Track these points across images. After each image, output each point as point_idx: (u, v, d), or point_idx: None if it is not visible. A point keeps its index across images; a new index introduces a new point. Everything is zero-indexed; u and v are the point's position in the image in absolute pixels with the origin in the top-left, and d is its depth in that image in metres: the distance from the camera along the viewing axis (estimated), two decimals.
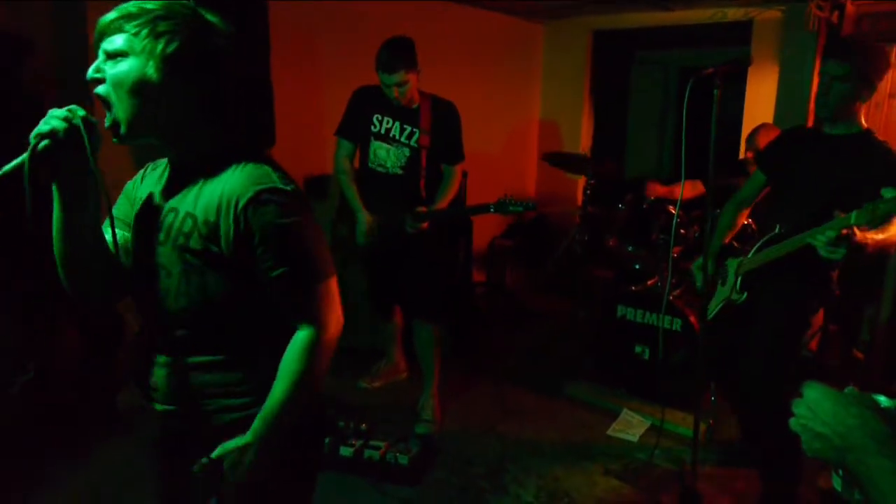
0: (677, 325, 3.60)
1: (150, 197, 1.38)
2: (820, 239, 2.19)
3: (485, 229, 5.44)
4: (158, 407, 1.45)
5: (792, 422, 0.91)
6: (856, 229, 2.12)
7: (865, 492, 0.82)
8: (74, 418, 3.23)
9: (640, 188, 4.19)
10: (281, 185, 1.29)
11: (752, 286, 2.69)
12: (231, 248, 1.28)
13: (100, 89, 1.23)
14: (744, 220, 2.97)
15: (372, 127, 3.31)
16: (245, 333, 1.38)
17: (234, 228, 1.27)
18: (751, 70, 4.89)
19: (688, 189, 4.12)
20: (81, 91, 3.23)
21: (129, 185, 1.49)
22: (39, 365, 3.05)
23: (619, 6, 5.34)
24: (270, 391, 1.34)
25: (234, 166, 1.31)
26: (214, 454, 1.32)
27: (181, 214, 1.32)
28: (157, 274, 1.35)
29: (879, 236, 2.21)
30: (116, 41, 1.21)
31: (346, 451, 3.02)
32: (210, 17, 1.29)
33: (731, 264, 2.78)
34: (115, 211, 1.42)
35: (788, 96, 4.67)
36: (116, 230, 1.38)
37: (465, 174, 3.62)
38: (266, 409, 1.33)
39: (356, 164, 3.47)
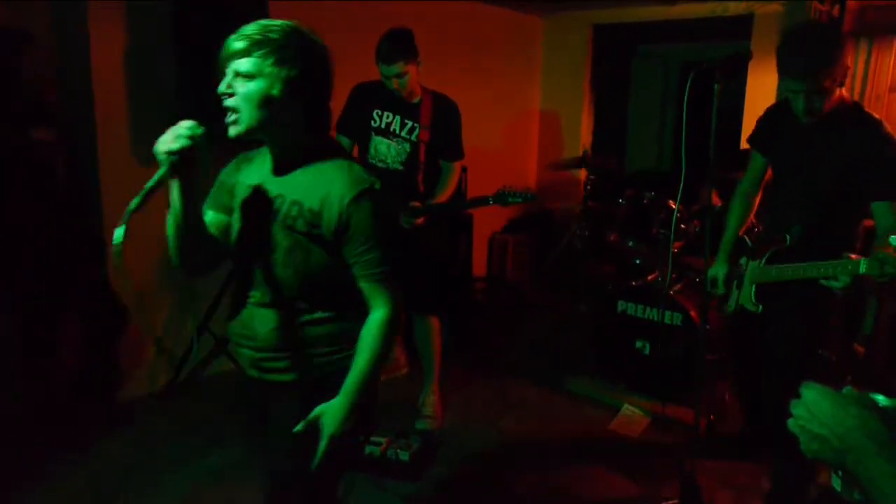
0: (678, 319, 3.60)
1: (255, 185, 1.63)
2: (833, 283, 2.23)
3: (485, 224, 5.44)
4: (254, 354, 1.69)
5: (790, 423, 0.91)
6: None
7: (865, 492, 0.82)
8: (75, 412, 3.24)
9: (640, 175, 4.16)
10: (375, 186, 1.59)
11: (766, 294, 2.67)
12: (331, 232, 1.56)
13: (229, 101, 1.49)
14: (755, 208, 2.91)
15: (372, 122, 3.30)
16: (339, 296, 1.65)
17: (336, 218, 1.54)
18: (751, 64, 4.85)
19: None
20: (83, 87, 3.24)
21: (222, 174, 1.74)
22: (41, 360, 3.06)
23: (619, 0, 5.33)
24: (353, 365, 1.59)
25: (332, 166, 1.59)
26: (313, 414, 1.58)
27: (287, 201, 1.59)
28: (264, 248, 1.61)
29: None
30: (246, 64, 1.46)
31: None
32: (319, 41, 1.55)
33: (749, 267, 2.74)
34: (210, 199, 1.73)
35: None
36: (212, 213, 1.71)
37: (464, 169, 3.61)
38: (351, 379, 1.59)
39: (355, 155, 3.46)
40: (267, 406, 1.73)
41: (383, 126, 3.30)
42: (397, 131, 3.29)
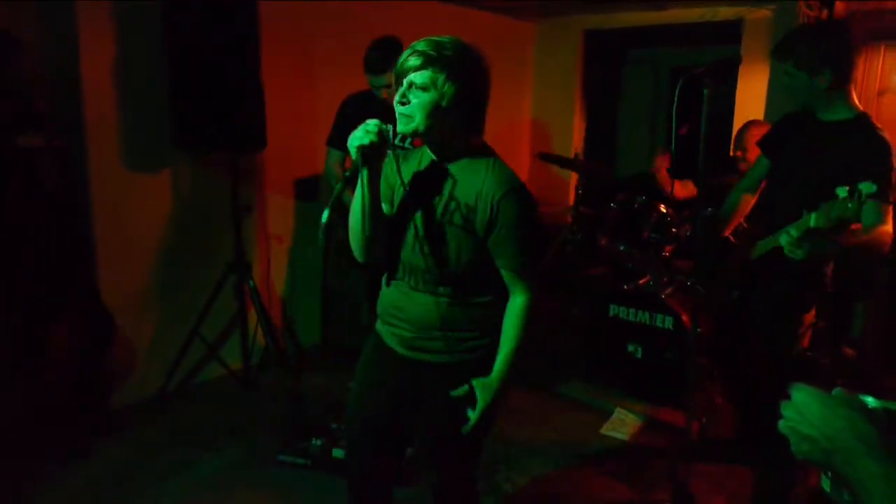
0: (669, 323, 3.61)
1: (416, 183, 1.82)
2: (784, 238, 2.17)
3: None
4: (406, 334, 1.86)
5: (780, 424, 0.91)
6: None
7: (854, 494, 0.82)
8: (67, 419, 3.22)
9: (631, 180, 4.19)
10: (522, 185, 1.76)
11: (746, 283, 2.69)
12: (484, 226, 1.73)
13: (404, 109, 1.67)
14: (749, 208, 2.91)
15: None
16: (486, 285, 1.83)
17: (489, 213, 1.71)
18: (741, 69, 4.90)
19: (679, 189, 4.13)
20: (72, 91, 3.22)
21: (385, 169, 1.87)
22: (31, 367, 3.04)
23: (610, 5, 5.35)
24: (500, 347, 1.79)
25: (485, 164, 1.76)
26: (473, 384, 1.75)
27: (445, 197, 1.77)
28: (424, 238, 1.77)
29: (852, 238, 2.19)
30: (421, 77, 1.64)
31: (339, 452, 3.01)
32: (481, 56, 1.72)
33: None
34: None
35: (779, 95, 4.68)
36: (385, 206, 1.86)
37: None
38: (501, 359, 1.79)
39: (348, 165, 3.46)
40: (417, 384, 1.88)
41: None
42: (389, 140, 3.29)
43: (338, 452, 3.01)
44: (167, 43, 3.32)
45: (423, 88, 1.65)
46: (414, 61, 1.65)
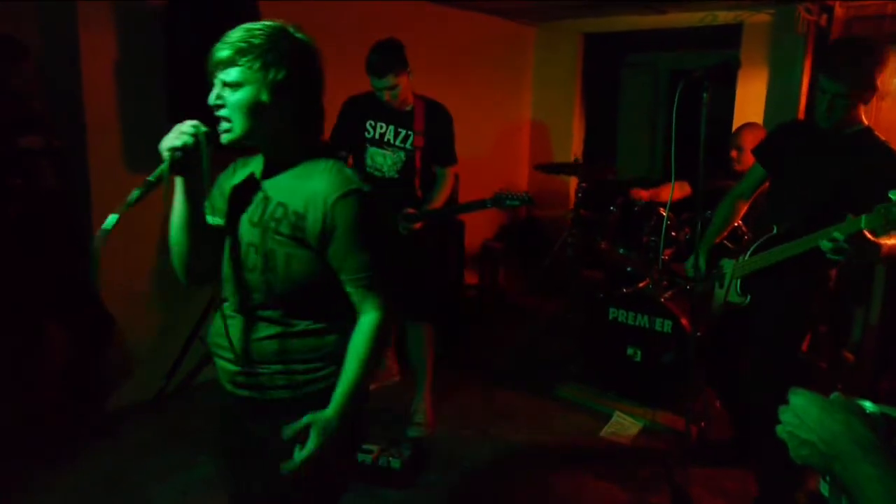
0: (668, 326, 3.61)
1: (244, 188, 1.60)
2: (826, 243, 2.18)
3: (477, 231, 5.45)
4: (230, 367, 1.61)
5: (779, 428, 0.91)
6: (866, 232, 2.11)
7: (852, 498, 0.82)
8: (63, 420, 3.21)
9: (627, 194, 4.20)
10: (362, 187, 1.53)
11: (751, 285, 2.69)
12: (316, 235, 1.49)
13: (221, 112, 1.46)
14: (742, 214, 2.93)
15: (366, 133, 3.31)
16: (324, 307, 1.58)
17: (321, 220, 1.48)
18: (741, 72, 4.91)
19: (675, 191, 4.13)
20: (72, 93, 3.23)
21: (220, 177, 1.70)
22: (31, 366, 3.04)
23: (609, 9, 5.36)
24: (342, 372, 1.52)
25: (321, 167, 1.54)
26: (302, 422, 1.47)
27: (273, 203, 1.53)
28: (248, 253, 1.55)
29: (892, 241, 2.20)
30: (233, 73, 1.43)
31: None
32: (306, 39, 1.51)
33: (727, 265, 2.78)
34: (208, 203, 1.66)
35: (778, 98, 4.69)
36: (209, 217, 1.64)
37: (456, 177, 3.62)
38: (341, 387, 1.51)
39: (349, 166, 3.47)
40: (243, 425, 1.64)
41: (377, 137, 3.31)
42: (392, 141, 3.29)
43: None
44: (167, 44, 3.33)
45: (237, 85, 1.44)
46: (223, 54, 1.43)
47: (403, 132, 3.29)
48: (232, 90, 1.44)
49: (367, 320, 1.54)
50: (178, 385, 3.75)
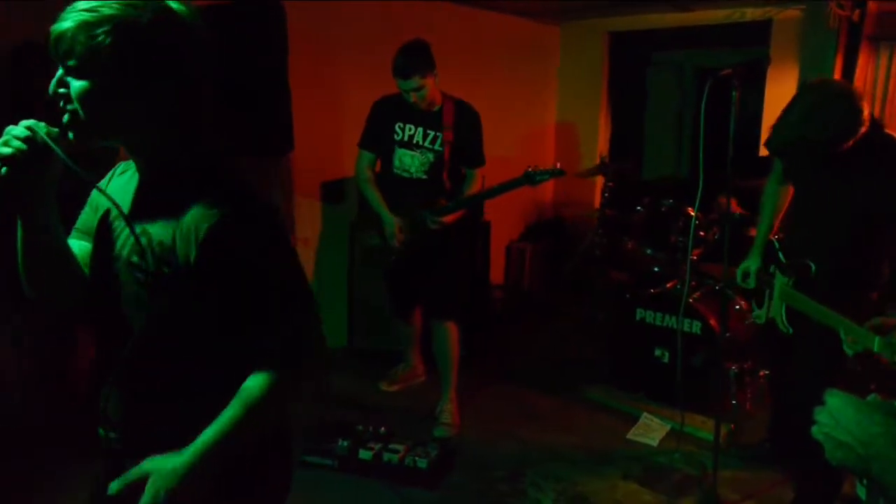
0: (697, 327, 3.57)
1: (110, 209, 1.26)
2: (848, 347, 2.20)
3: (502, 231, 5.44)
4: (111, 436, 1.32)
5: (814, 430, 0.90)
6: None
7: (890, 500, 0.81)
8: (90, 416, 3.25)
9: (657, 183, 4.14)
10: (250, 211, 1.20)
11: (795, 312, 2.63)
12: (188, 272, 1.15)
13: (68, 105, 1.12)
14: (788, 198, 2.88)
15: (395, 135, 3.33)
16: (202, 364, 1.23)
17: (192, 255, 1.13)
18: (770, 70, 4.83)
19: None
20: None
21: (94, 190, 1.33)
22: (57, 368, 3.09)
23: (635, 7, 5.32)
24: (219, 416, 1.16)
25: (195, 183, 1.19)
26: (138, 469, 1.13)
27: (137, 230, 1.18)
28: (113, 290, 1.23)
29: None
30: (78, 53, 1.08)
31: (365, 454, 3.03)
32: (180, 7, 1.13)
33: (779, 283, 2.70)
34: (78, 222, 1.36)
35: None
36: (78, 241, 1.33)
37: (483, 178, 3.62)
38: (207, 435, 1.14)
39: (377, 169, 3.50)
40: None
41: (406, 138, 3.33)
42: (420, 142, 3.31)
43: (364, 454, 3.02)
44: None
45: (80, 70, 1.08)
46: (62, 26, 1.07)
47: (432, 133, 3.30)
48: (75, 77, 1.10)
49: (256, 379, 1.19)
50: None
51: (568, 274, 5.70)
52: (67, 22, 1.07)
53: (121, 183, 1.31)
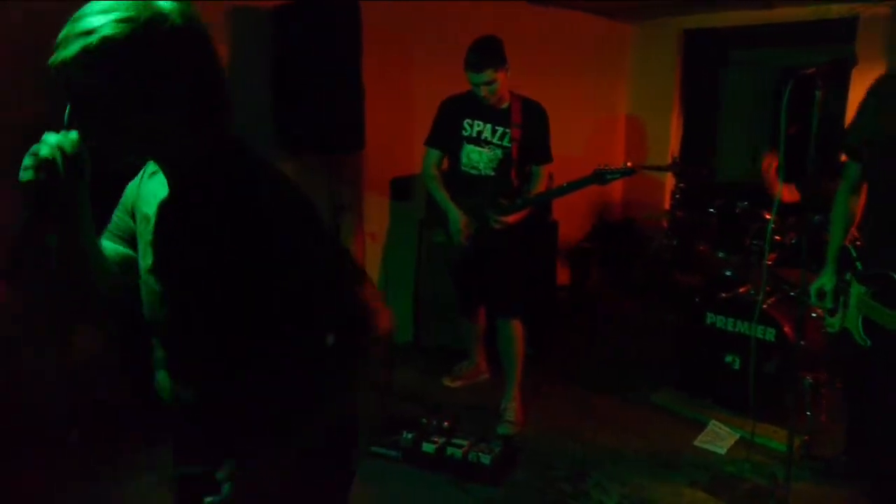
0: (770, 335, 3.47)
1: (147, 210, 1.29)
2: None
3: (569, 231, 5.40)
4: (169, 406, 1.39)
5: None
6: None
7: None
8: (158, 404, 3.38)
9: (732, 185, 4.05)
10: (282, 203, 1.20)
11: (873, 324, 2.53)
12: (228, 267, 1.17)
13: (79, 127, 1.11)
14: (858, 214, 2.74)
15: (463, 132, 3.36)
16: (256, 354, 1.25)
17: (233, 250, 1.16)
18: (855, 69, 4.64)
19: (784, 194, 3.96)
20: None
21: (126, 190, 1.37)
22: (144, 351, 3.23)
23: (714, 4, 5.19)
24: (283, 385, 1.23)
25: (224, 178, 1.19)
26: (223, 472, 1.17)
27: (169, 238, 1.23)
28: (151, 295, 1.28)
29: None
30: (77, 81, 1.05)
31: (428, 447, 3.07)
32: (183, 23, 1.09)
33: (855, 292, 2.59)
34: (111, 224, 1.39)
35: None
36: (113, 244, 1.37)
37: (550, 177, 3.61)
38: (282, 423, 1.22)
39: (445, 167, 3.53)
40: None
41: (474, 135, 3.35)
42: (489, 138, 3.33)
43: (428, 447, 3.07)
44: (274, 47, 3.48)
45: (86, 94, 1.05)
46: (64, 53, 1.02)
47: (500, 130, 3.31)
48: (85, 97, 1.06)
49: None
50: None
51: (635, 276, 5.61)
52: (67, 47, 1.02)
53: (153, 188, 1.28)
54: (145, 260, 1.28)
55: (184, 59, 1.09)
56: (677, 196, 4.62)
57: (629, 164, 3.26)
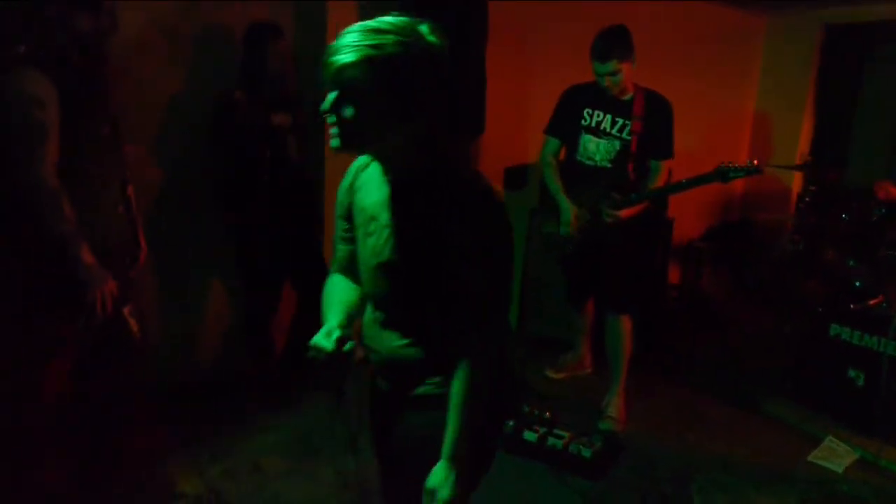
0: None
1: (370, 208, 1.51)
2: None
3: (683, 229, 5.23)
4: (379, 365, 1.66)
5: None
6: None
7: None
8: (286, 375, 3.57)
9: (867, 191, 3.81)
10: (489, 202, 1.40)
11: None
12: (442, 251, 1.39)
13: (334, 119, 1.33)
14: None
15: (582, 121, 3.31)
16: (448, 317, 1.48)
17: (448, 236, 1.38)
18: None
19: None
20: (318, 79, 3.58)
21: (340, 194, 1.65)
22: (266, 321, 3.42)
23: None
24: (447, 425, 1.46)
25: (447, 186, 1.40)
26: (427, 487, 1.46)
27: (395, 232, 1.45)
28: (383, 269, 1.50)
29: None
30: (355, 86, 1.28)
31: (530, 435, 3.08)
32: (438, 42, 1.32)
33: None
34: (337, 231, 1.69)
35: None
36: (343, 246, 1.68)
37: (669, 172, 3.51)
38: (447, 449, 1.46)
39: (562, 157, 3.51)
40: (390, 413, 1.67)
41: (593, 125, 3.30)
42: (608, 129, 3.27)
43: (529, 436, 3.08)
44: None
45: (359, 97, 1.29)
46: (346, 58, 1.27)
47: (621, 121, 3.25)
48: (350, 102, 1.31)
49: (463, 371, 1.44)
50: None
51: (751, 279, 5.37)
52: (350, 54, 1.27)
53: (372, 187, 1.52)
54: (364, 245, 1.54)
55: (438, 75, 1.33)
56: (807, 199, 4.37)
57: (755, 162, 3.11)
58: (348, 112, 1.31)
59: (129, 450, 2.54)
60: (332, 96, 1.32)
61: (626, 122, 3.25)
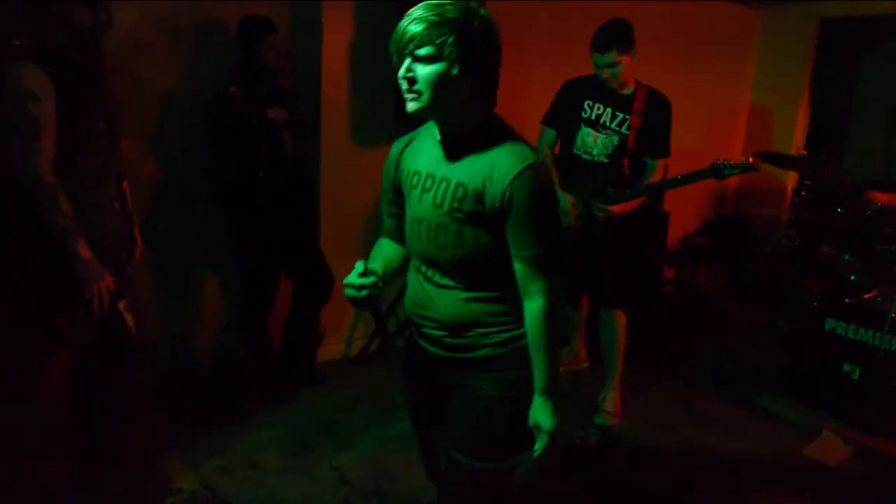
0: None
1: (422, 167, 1.67)
2: None
3: (678, 225, 5.24)
4: (435, 332, 1.73)
5: None
6: None
7: None
8: (283, 369, 3.58)
9: (859, 197, 3.82)
10: (537, 161, 1.56)
11: None
12: (494, 211, 1.55)
13: (409, 85, 1.50)
14: None
15: (582, 113, 3.29)
16: (502, 276, 1.62)
17: (499, 196, 1.53)
18: None
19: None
20: (313, 75, 3.55)
21: (387, 167, 1.79)
22: (261, 317, 3.42)
23: None
24: (534, 364, 1.61)
25: (497, 143, 1.57)
26: (531, 422, 1.63)
27: (453, 183, 1.59)
28: (436, 229, 1.64)
29: None
30: (426, 48, 1.46)
31: None
32: (486, 13, 1.52)
33: None
34: (385, 202, 1.83)
35: None
36: (389, 220, 1.84)
37: (665, 168, 3.51)
38: (539, 379, 1.62)
39: (557, 150, 3.50)
40: (445, 379, 1.76)
41: (593, 117, 3.28)
42: (607, 123, 3.26)
43: None
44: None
45: (429, 59, 1.47)
46: (415, 28, 1.46)
47: (620, 116, 3.24)
48: (424, 64, 1.48)
49: (533, 307, 1.59)
50: (379, 346, 4.03)
51: (748, 274, 5.38)
52: (420, 25, 1.45)
53: (419, 152, 1.70)
54: (420, 204, 1.66)
55: (490, 39, 1.53)
56: (803, 193, 4.37)
57: (750, 159, 3.11)
58: (423, 72, 1.47)
59: (127, 447, 2.53)
60: (407, 62, 1.49)
61: (626, 116, 3.23)
